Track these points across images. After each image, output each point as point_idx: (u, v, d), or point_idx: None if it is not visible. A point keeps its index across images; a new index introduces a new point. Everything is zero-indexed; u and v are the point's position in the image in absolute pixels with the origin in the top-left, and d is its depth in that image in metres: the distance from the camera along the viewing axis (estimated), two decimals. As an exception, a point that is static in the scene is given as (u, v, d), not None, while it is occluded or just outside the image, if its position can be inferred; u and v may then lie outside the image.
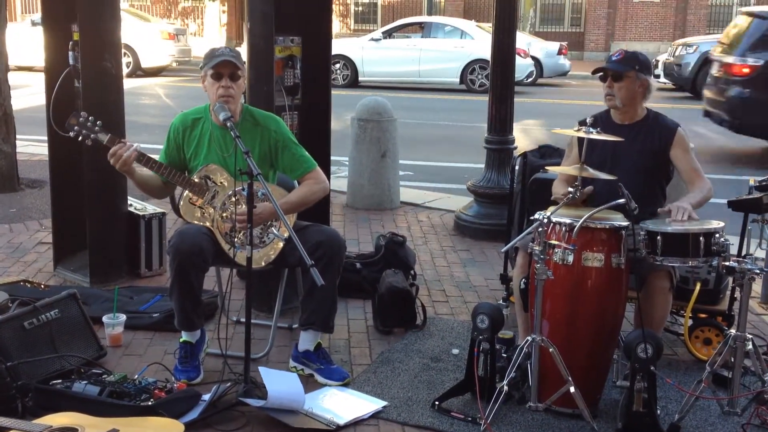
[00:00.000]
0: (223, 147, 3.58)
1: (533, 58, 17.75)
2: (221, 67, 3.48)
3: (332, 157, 4.66)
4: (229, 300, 3.53)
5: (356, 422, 3.21)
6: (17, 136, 7.18)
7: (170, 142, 3.67)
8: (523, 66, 16.49)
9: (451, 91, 16.39)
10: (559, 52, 18.50)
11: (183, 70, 19.89)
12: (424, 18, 20.23)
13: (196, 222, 3.56)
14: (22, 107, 9.89)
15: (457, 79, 16.73)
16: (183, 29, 21.16)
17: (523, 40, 16.72)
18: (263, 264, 3.59)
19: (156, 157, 3.58)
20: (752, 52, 9.19)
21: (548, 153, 4.68)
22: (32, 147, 8.78)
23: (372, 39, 17.54)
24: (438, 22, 18.39)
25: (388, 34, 17.75)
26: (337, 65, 16.70)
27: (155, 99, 14.62)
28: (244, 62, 3.77)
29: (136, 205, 5.03)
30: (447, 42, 17.15)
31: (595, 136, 3.30)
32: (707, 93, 10.13)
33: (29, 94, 12.52)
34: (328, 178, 4.00)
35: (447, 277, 5.08)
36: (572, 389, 3.08)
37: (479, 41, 16.41)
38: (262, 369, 3.30)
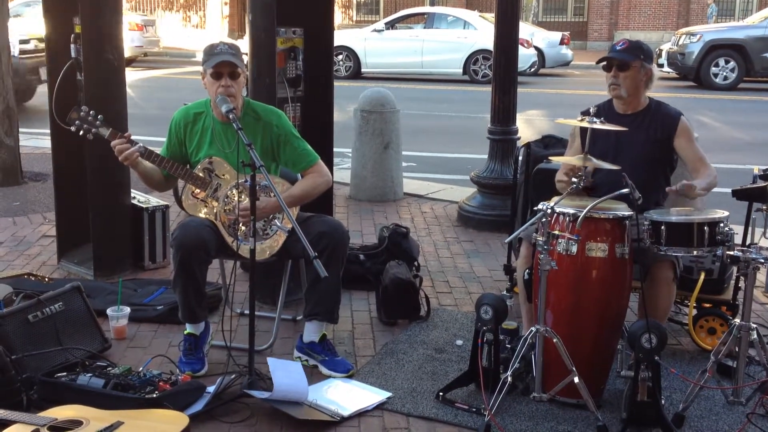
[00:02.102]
0: (224, 142, 3.58)
1: (536, 48, 17.72)
2: (220, 66, 3.46)
3: (335, 149, 4.66)
4: (232, 292, 3.54)
5: (361, 413, 3.22)
6: (20, 129, 7.19)
7: (171, 136, 3.66)
8: (525, 56, 16.44)
9: (454, 82, 16.36)
10: (562, 42, 18.46)
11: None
12: (426, 8, 20.22)
13: (199, 215, 3.56)
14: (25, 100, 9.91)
15: (460, 70, 16.71)
16: (152, 20, 21.35)
17: (525, 30, 16.70)
18: (267, 256, 3.59)
19: (158, 150, 3.58)
20: None
21: (551, 143, 4.67)
22: (35, 140, 8.79)
23: (375, 30, 17.53)
24: (441, 13, 18.36)
25: (390, 25, 17.72)
26: (340, 56, 16.70)
27: (158, 92, 14.60)
28: (245, 54, 3.75)
29: (140, 197, 5.03)
30: (450, 33, 17.12)
31: (598, 126, 3.29)
32: None
33: (32, 87, 12.50)
34: (331, 170, 3.99)
35: (451, 268, 5.07)
36: (576, 379, 3.07)
37: (482, 32, 16.38)
38: (270, 360, 3.30)
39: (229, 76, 3.47)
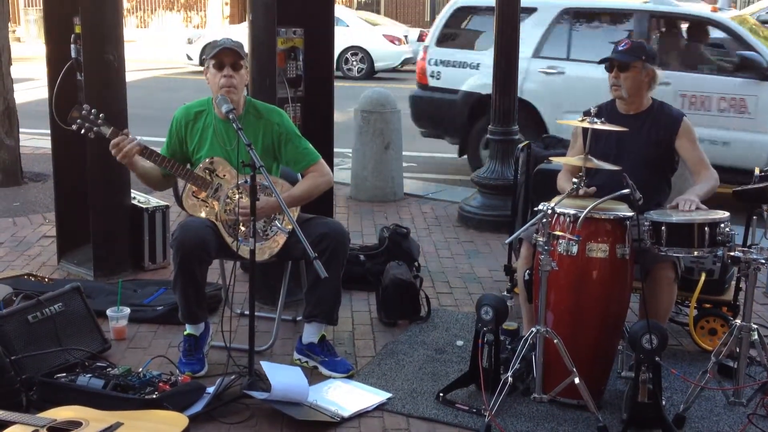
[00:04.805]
0: (225, 140, 3.58)
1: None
2: (222, 55, 3.46)
3: (335, 149, 4.65)
4: (232, 293, 3.53)
5: (361, 414, 3.21)
6: (20, 130, 7.19)
7: (172, 134, 3.66)
8: (396, 53, 17.24)
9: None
10: (420, 39, 18.03)
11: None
12: None
13: (199, 215, 3.56)
14: (26, 100, 9.89)
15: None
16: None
17: (399, 29, 17.50)
18: (267, 256, 3.58)
19: (158, 149, 3.58)
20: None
21: (552, 144, 4.67)
22: (35, 140, 8.78)
23: None
24: None
25: None
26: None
27: (159, 92, 14.62)
28: (247, 54, 3.75)
29: (140, 198, 5.02)
30: None
31: (599, 126, 3.29)
32: None
33: (32, 87, 12.52)
34: (332, 171, 3.99)
35: (451, 268, 5.07)
36: (577, 380, 3.07)
37: (354, 29, 16.98)
38: (264, 363, 3.30)
39: (231, 66, 3.46)
